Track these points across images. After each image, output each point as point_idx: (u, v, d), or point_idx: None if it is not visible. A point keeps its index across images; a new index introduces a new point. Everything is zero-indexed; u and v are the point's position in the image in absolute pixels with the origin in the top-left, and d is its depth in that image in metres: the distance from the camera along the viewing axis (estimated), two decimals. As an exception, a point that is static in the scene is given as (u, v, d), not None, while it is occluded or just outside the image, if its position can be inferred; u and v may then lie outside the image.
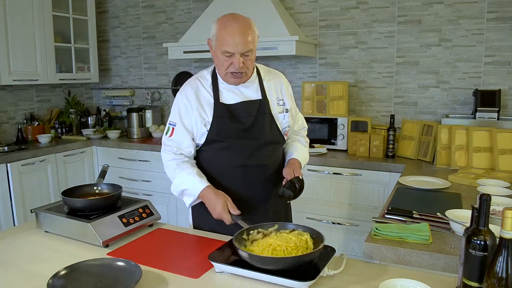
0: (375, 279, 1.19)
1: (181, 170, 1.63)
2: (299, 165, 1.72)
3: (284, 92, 1.77)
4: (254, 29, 1.59)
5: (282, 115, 1.72)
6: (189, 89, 1.68)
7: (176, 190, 1.67)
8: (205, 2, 3.90)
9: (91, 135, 4.01)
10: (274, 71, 1.82)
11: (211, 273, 1.26)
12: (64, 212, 1.59)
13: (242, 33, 1.53)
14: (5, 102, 3.82)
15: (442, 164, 2.66)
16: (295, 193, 1.58)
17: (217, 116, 1.63)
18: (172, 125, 1.69)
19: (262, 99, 1.68)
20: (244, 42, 1.53)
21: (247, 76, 1.65)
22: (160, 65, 4.27)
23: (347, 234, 2.96)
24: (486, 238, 0.99)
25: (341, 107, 3.25)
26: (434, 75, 3.16)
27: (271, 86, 1.73)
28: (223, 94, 1.66)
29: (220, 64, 1.60)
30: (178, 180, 1.64)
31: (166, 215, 3.65)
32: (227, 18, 1.58)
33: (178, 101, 1.69)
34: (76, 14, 4.07)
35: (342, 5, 3.38)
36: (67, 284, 1.15)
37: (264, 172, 1.68)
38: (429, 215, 1.64)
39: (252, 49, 1.57)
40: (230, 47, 1.53)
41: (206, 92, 1.67)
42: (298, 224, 1.42)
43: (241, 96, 1.67)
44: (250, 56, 1.58)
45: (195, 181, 1.60)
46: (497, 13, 2.91)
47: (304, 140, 1.88)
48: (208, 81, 1.69)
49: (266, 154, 1.68)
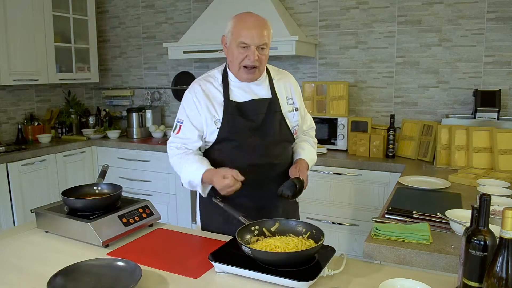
0: (375, 279, 1.19)
1: (184, 162, 1.63)
2: (306, 165, 1.73)
3: (294, 91, 1.78)
4: (270, 27, 1.62)
5: (291, 114, 1.73)
6: (198, 86, 1.67)
7: (185, 183, 1.66)
8: (205, 2, 3.90)
9: (91, 135, 4.01)
10: (283, 71, 1.83)
11: (211, 273, 1.26)
12: (64, 212, 1.59)
13: (258, 26, 1.57)
14: (5, 102, 3.82)
15: (442, 164, 2.66)
16: (294, 193, 1.59)
17: (227, 114, 1.62)
18: (179, 122, 1.69)
19: (272, 98, 1.69)
20: (260, 34, 1.56)
21: (259, 72, 1.65)
22: (160, 65, 4.27)
23: (347, 234, 2.96)
24: (486, 238, 0.99)
25: (341, 107, 3.25)
26: (434, 75, 3.16)
27: (280, 85, 1.74)
28: (233, 92, 1.66)
29: (234, 58, 1.61)
30: (183, 173, 1.64)
31: (166, 215, 3.65)
32: (244, 13, 1.62)
33: (187, 99, 1.68)
34: (76, 14, 4.07)
35: (342, 5, 3.38)
36: (67, 284, 1.15)
37: (274, 171, 1.68)
38: (429, 215, 1.64)
39: (267, 43, 1.60)
40: (247, 38, 1.55)
41: (216, 91, 1.66)
42: (299, 221, 1.42)
43: (252, 94, 1.67)
44: (264, 51, 1.60)
45: (196, 169, 1.59)
46: (497, 13, 2.91)
47: (313, 141, 1.89)
48: (218, 80, 1.68)
49: (276, 152, 1.68)
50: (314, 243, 1.30)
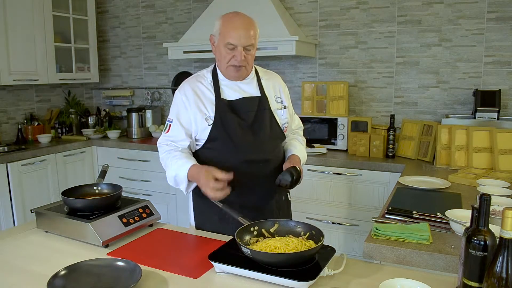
0: (375, 279, 1.19)
1: (172, 158, 1.64)
2: (299, 160, 1.76)
3: (282, 91, 1.83)
4: (256, 26, 1.65)
5: (280, 112, 1.77)
6: (187, 86, 1.71)
7: (170, 180, 1.67)
8: (205, 2, 3.90)
9: (91, 135, 4.01)
10: (271, 72, 1.88)
11: (211, 273, 1.26)
12: (64, 212, 1.59)
13: (245, 27, 1.59)
14: (5, 102, 3.82)
15: (442, 164, 2.66)
16: (292, 181, 1.60)
17: (219, 112, 1.65)
18: (169, 122, 1.72)
19: (261, 96, 1.73)
20: (247, 35, 1.59)
21: (247, 71, 1.69)
22: (160, 65, 4.27)
23: (347, 234, 2.96)
24: (486, 238, 0.99)
25: (341, 107, 3.25)
26: (434, 75, 3.16)
27: (269, 85, 1.78)
28: (224, 91, 1.70)
29: (222, 58, 1.64)
30: (169, 169, 1.65)
31: (166, 215, 3.65)
32: (231, 14, 1.65)
33: (176, 98, 1.73)
34: (76, 14, 4.07)
35: (342, 5, 3.38)
36: (67, 284, 1.15)
37: (267, 167, 1.71)
38: (429, 215, 1.64)
39: (254, 44, 1.63)
40: (233, 39, 1.58)
41: (206, 89, 1.69)
42: (298, 221, 1.42)
43: (242, 92, 1.71)
44: (251, 51, 1.64)
45: (181, 164, 1.60)
46: (497, 13, 2.91)
47: (302, 139, 1.94)
48: (208, 79, 1.72)
49: (269, 149, 1.72)
50: (314, 244, 1.30)
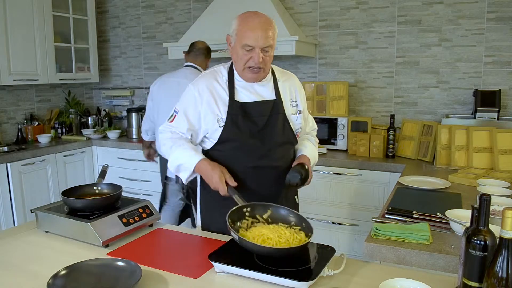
0: (375, 279, 1.19)
1: (177, 146, 1.63)
2: (308, 161, 1.72)
3: (298, 93, 1.76)
4: (275, 26, 1.60)
5: (295, 117, 1.72)
6: (203, 83, 1.66)
7: (172, 166, 1.65)
8: (205, 2, 3.90)
9: (91, 135, 4.01)
10: (287, 72, 1.82)
11: (211, 273, 1.26)
12: (64, 212, 1.59)
13: (263, 28, 1.54)
14: (5, 102, 3.82)
15: (442, 164, 2.66)
16: (301, 179, 1.59)
17: (231, 114, 1.61)
18: (175, 112, 1.68)
19: (276, 99, 1.67)
20: (265, 36, 1.53)
21: (264, 73, 1.64)
22: (160, 65, 4.27)
23: (347, 234, 2.96)
24: (486, 238, 0.99)
25: (341, 107, 3.25)
26: (434, 75, 3.16)
27: (285, 87, 1.73)
28: (238, 92, 1.65)
29: (239, 59, 1.59)
30: (173, 156, 1.63)
31: (166, 215, 3.65)
32: (249, 13, 1.59)
33: (188, 92, 1.67)
34: (76, 14, 4.07)
35: (342, 5, 3.38)
36: (67, 284, 1.15)
37: (275, 173, 1.67)
38: (429, 215, 1.64)
39: (272, 45, 1.58)
40: (251, 40, 1.53)
41: (221, 88, 1.65)
42: (290, 210, 1.44)
43: (256, 95, 1.66)
44: (269, 52, 1.58)
45: (191, 155, 1.59)
46: (497, 13, 2.91)
47: (314, 140, 1.89)
48: (224, 77, 1.67)
49: (278, 155, 1.67)
50: (305, 237, 1.32)
